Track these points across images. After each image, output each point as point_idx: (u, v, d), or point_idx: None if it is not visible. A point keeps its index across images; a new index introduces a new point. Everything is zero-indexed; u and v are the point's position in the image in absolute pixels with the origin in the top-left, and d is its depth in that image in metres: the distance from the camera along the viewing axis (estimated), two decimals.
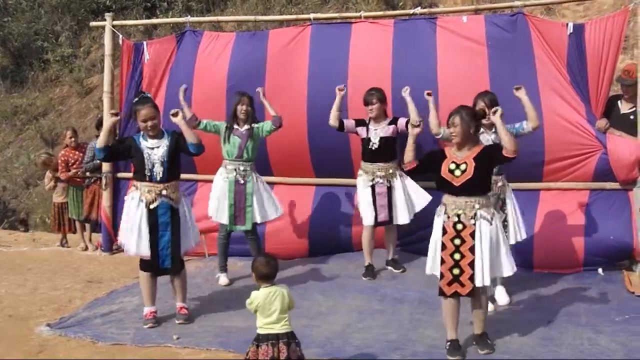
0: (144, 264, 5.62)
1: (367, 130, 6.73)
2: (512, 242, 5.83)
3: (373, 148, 6.68)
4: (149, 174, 5.50)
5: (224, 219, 6.60)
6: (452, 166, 4.82)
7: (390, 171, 6.71)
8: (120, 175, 8.24)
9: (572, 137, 6.70)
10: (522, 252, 6.23)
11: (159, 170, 5.51)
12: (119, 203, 8.16)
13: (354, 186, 7.22)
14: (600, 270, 6.59)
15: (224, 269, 6.77)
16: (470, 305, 4.94)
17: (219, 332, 5.36)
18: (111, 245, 8.21)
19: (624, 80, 6.88)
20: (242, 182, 6.61)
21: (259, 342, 4.17)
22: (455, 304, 4.85)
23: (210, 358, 4.90)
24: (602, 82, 6.69)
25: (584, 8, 10.07)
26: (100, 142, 5.56)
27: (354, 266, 7.02)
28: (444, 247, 4.80)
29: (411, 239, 7.12)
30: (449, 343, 4.85)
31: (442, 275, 4.80)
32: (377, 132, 6.71)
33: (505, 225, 5.75)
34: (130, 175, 8.10)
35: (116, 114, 5.38)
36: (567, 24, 6.83)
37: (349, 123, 6.78)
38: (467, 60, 6.96)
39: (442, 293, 4.84)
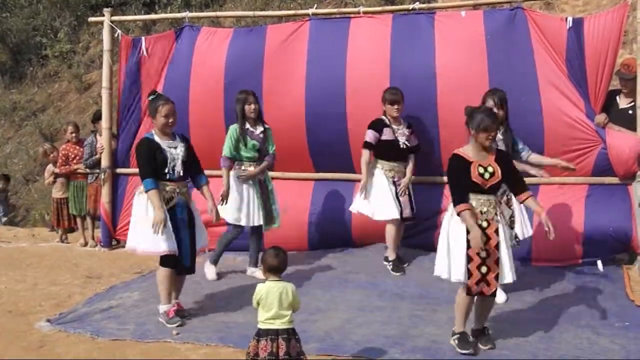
0: (168, 260, 5.49)
1: (393, 131, 6.70)
2: (521, 237, 5.91)
3: (403, 147, 6.71)
4: (170, 172, 5.49)
5: (258, 221, 6.59)
6: (481, 170, 4.75)
7: (405, 170, 6.80)
8: (119, 170, 8.24)
9: (572, 132, 6.70)
10: (520, 246, 6.23)
11: (179, 169, 5.53)
12: (118, 199, 8.19)
13: (353, 181, 7.25)
14: (599, 263, 6.60)
15: (217, 261, 6.78)
16: (477, 300, 4.90)
17: (219, 327, 5.35)
18: (110, 240, 8.22)
19: (623, 75, 6.88)
20: (264, 181, 6.70)
21: (259, 337, 4.17)
22: (473, 299, 4.85)
23: (209, 353, 4.90)
24: (602, 76, 6.68)
25: (583, 3, 10.06)
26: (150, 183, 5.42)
27: (354, 261, 7.03)
28: (469, 245, 4.70)
29: (410, 233, 7.11)
30: (458, 335, 4.82)
31: (469, 274, 4.71)
32: (403, 132, 6.75)
33: (512, 221, 5.77)
34: (129, 170, 8.14)
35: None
36: (566, 19, 6.82)
37: (374, 138, 6.66)
38: (466, 55, 6.95)
39: (469, 292, 4.78)
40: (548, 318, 5.39)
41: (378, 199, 6.70)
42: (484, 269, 4.71)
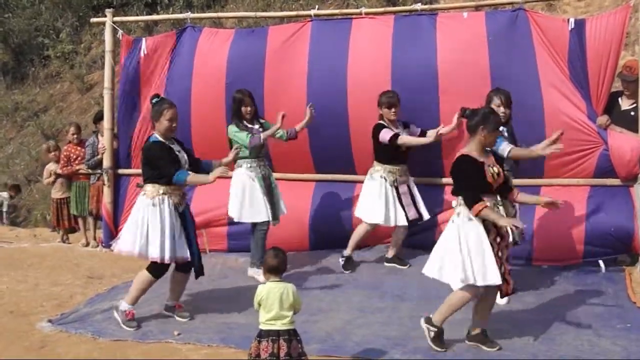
0: (158, 269, 5.48)
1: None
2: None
3: (403, 149, 6.72)
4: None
5: (265, 216, 6.59)
6: (494, 170, 4.79)
7: (407, 172, 6.83)
8: (121, 171, 8.25)
9: (573, 134, 6.69)
10: (521, 245, 6.24)
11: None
12: (120, 199, 8.19)
13: (354, 182, 7.25)
14: (601, 263, 6.60)
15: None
16: (481, 301, 4.91)
17: (220, 328, 5.36)
18: (112, 241, 8.21)
19: (625, 77, 6.87)
20: (267, 177, 6.72)
21: (261, 338, 4.18)
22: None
23: (211, 354, 4.91)
24: (604, 78, 6.67)
25: (585, 4, 10.06)
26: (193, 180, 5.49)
27: (355, 262, 7.02)
28: (493, 247, 4.71)
29: (410, 233, 7.10)
30: (436, 330, 4.84)
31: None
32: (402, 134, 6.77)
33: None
34: (130, 171, 8.14)
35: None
36: (568, 20, 6.82)
37: (391, 130, 6.65)
38: (468, 56, 6.94)
39: (504, 294, 4.86)
40: (549, 319, 5.39)
41: (368, 199, 6.76)
42: (502, 269, 4.74)
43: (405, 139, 6.64)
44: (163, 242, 5.36)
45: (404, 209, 6.72)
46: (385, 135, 6.62)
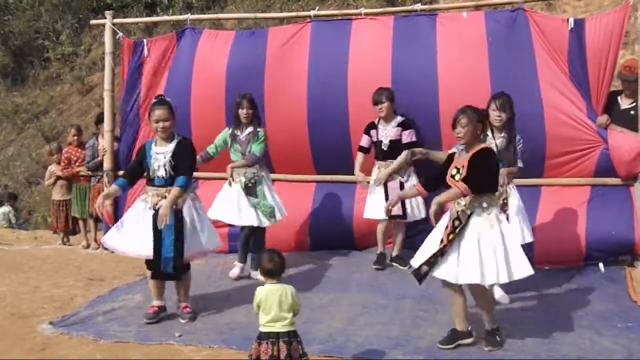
0: (148, 263, 5.61)
1: (377, 131, 6.80)
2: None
3: (385, 149, 6.78)
4: (153, 178, 5.53)
5: (250, 221, 6.57)
6: (454, 171, 4.84)
7: (405, 169, 6.81)
8: (121, 173, 8.23)
9: (573, 133, 6.70)
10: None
11: (161, 175, 5.51)
12: (120, 201, 8.19)
13: (355, 183, 7.26)
14: (601, 265, 6.60)
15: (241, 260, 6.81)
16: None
17: (222, 330, 5.36)
18: None
19: (624, 76, 6.88)
20: (250, 186, 6.64)
21: (260, 340, 4.17)
22: None
23: (212, 355, 4.91)
24: (603, 77, 6.68)
25: (585, 3, 10.08)
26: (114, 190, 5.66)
27: (356, 262, 7.04)
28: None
29: (411, 234, 7.10)
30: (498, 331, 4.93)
31: None
32: (387, 133, 6.79)
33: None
34: None
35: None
36: (567, 20, 6.82)
37: (367, 141, 6.90)
38: (467, 56, 6.95)
39: None
40: (550, 318, 5.40)
41: (372, 198, 6.81)
42: None
43: (358, 157, 6.93)
44: (130, 236, 5.56)
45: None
46: (361, 141, 6.93)
